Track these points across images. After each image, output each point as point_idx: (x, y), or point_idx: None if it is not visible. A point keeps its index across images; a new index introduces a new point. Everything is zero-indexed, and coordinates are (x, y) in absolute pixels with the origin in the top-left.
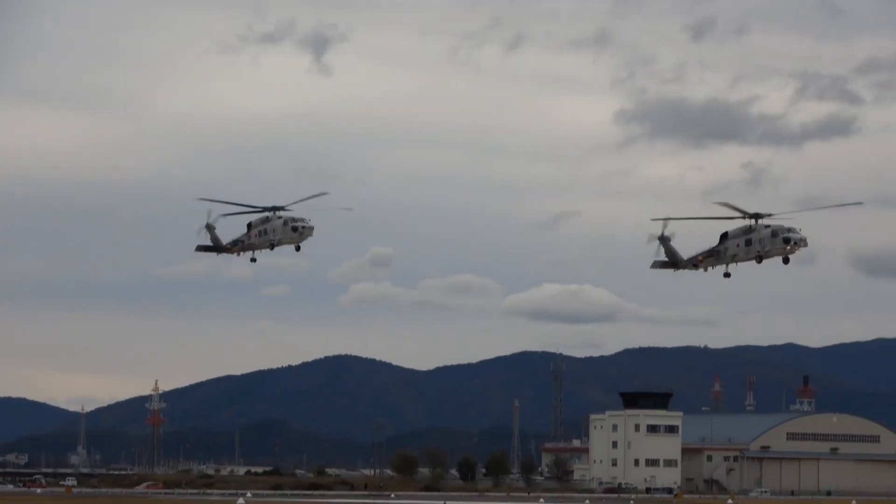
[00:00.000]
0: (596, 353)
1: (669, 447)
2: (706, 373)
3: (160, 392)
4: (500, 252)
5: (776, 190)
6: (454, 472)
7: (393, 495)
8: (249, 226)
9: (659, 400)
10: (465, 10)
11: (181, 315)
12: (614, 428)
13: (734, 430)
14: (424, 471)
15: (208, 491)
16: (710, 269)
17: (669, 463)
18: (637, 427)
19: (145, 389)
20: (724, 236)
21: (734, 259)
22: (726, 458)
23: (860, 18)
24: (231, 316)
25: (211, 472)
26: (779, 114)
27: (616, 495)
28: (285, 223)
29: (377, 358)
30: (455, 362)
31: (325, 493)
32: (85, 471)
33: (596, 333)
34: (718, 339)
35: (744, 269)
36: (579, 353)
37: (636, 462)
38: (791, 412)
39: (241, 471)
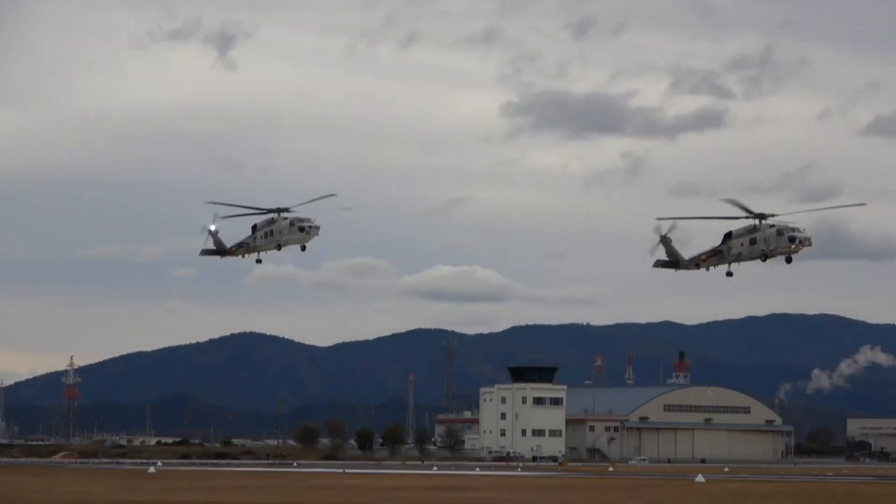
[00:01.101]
0: (486, 331)
1: (554, 418)
2: (589, 349)
3: (76, 367)
4: (396, 236)
5: (653, 178)
6: (353, 442)
7: (295, 464)
8: (254, 228)
9: (545, 374)
10: (362, 9)
11: (96, 295)
12: (503, 400)
13: (615, 402)
14: (325, 441)
15: (121, 460)
16: (711, 268)
17: (554, 433)
18: (524, 399)
19: (62, 365)
20: (728, 236)
21: (738, 258)
22: (607, 429)
23: (730, 18)
24: (142, 296)
25: (124, 442)
26: (655, 107)
27: (505, 463)
28: (291, 224)
29: (281, 335)
30: (354, 339)
31: (231, 462)
32: (4, 441)
33: (486, 312)
34: (600, 317)
35: (618, 250)
36: (470, 331)
37: (523, 432)
38: (668, 385)
39: (152, 441)
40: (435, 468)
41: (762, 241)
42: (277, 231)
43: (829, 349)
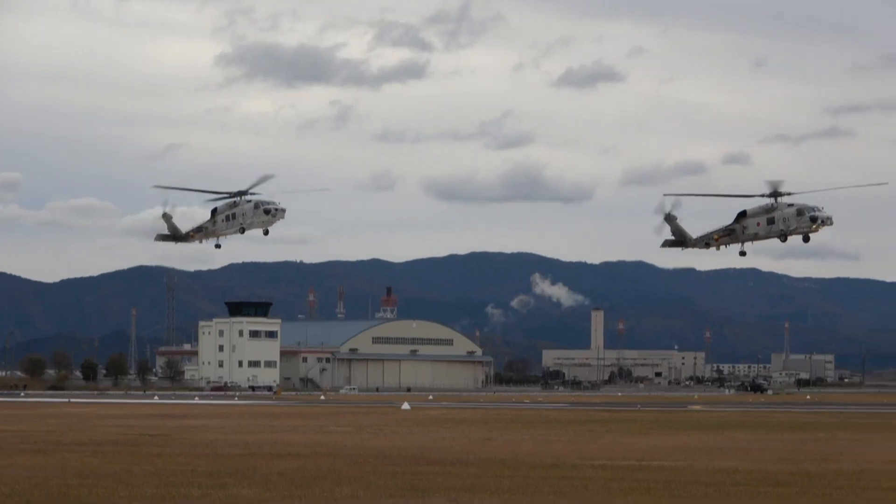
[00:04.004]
0: (205, 268)
1: (269, 350)
2: (302, 285)
3: None
4: (118, 178)
5: (360, 125)
6: (78, 373)
7: (23, 393)
8: (214, 211)
9: (260, 309)
10: None
11: None
12: (221, 333)
13: (327, 334)
14: (51, 372)
15: None
16: (722, 247)
17: (270, 364)
18: (241, 332)
19: None
20: (742, 215)
21: (754, 237)
22: (319, 360)
23: None
24: None
25: None
26: (361, 59)
27: (223, 392)
28: (256, 206)
29: (8, 272)
30: (79, 276)
31: None
32: None
33: (204, 250)
34: (312, 254)
35: (329, 191)
36: (190, 268)
37: (240, 363)
38: (376, 319)
39: None
40: (156, 397)
41: (781, 220)
42: (241, 214)
43: (525, 285)
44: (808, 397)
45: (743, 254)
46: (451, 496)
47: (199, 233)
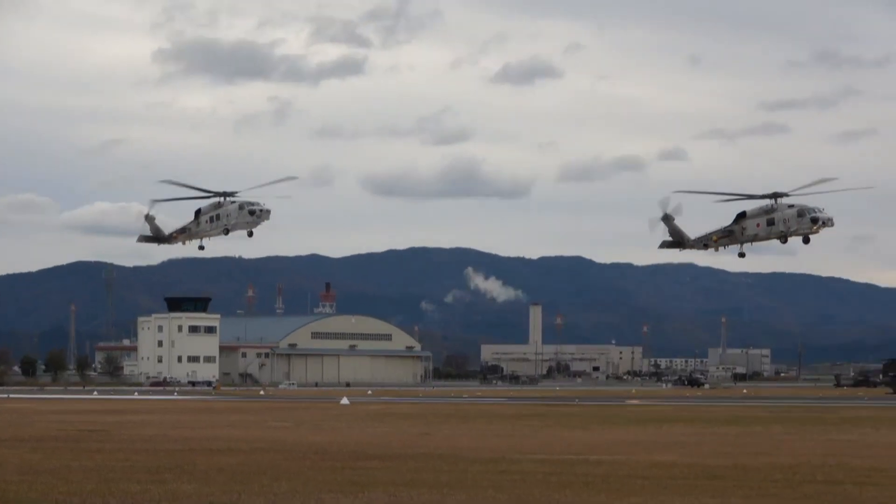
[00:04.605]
0: (144, 263)
1: (209, 345)
2: (241, 280)
3: None
4: (57, 173)
5: (298, 121)
6: (17, 368)
7: None
8: (198, 212)
9: (199, 304)
10: None
11: None
12: (160, 329)
13: (266, 330)
14: None
15: None
16: (721, 248)
17: (209, 359)
18: (180, 328)
19: None
20: (742, 216)
21: (754, 239)
22: (259, 355)
23: None
24: None
25: None
26: (299, 55)
27: (162, 388)
28: (241, 207)
29: None
30: (17, 271)
31: None
32: None
33: (143, 246)
34: (251, 250)
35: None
36: (129, 263)
37: (179, 359)
38: (315, 314)
39: None
40: (95, 393)
41: (781, 221)
42: (225, 215)
43: (463, 280)
44: (745, 391)
45: (742, 255)
46: (389, 491)
47: (183, 234)
